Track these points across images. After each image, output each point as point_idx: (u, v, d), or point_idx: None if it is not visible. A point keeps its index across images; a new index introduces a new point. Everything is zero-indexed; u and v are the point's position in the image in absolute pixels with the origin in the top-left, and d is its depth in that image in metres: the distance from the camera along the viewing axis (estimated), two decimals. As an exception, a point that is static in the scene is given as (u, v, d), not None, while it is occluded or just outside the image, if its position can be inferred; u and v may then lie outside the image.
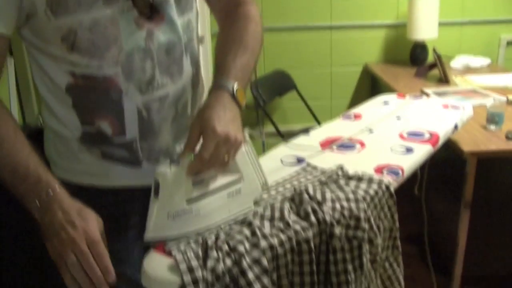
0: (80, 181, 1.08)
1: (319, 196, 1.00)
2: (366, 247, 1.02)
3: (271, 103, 3.44)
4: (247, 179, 1.01)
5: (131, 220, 1.13)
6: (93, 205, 1.09)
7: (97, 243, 0.84)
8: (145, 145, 1.05)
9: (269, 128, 3.16)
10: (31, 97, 1.83)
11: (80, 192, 1.04)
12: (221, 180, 0.98)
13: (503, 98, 2.37)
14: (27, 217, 0.87)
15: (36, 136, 1.12)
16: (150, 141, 1.05)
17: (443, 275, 2.33)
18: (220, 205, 0.97)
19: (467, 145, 1.84)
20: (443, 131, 1.40)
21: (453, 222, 2.03)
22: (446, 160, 2.24)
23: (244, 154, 1.00)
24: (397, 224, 1.15)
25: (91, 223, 0.86)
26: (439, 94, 2.50)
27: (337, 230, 0.96)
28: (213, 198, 0.96)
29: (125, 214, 1.12)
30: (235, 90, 0.97)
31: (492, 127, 1.98)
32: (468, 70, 3.17)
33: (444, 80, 2.81)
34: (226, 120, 0.92)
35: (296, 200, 1.01)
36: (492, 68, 3.22)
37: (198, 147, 0.92)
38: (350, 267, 0.99)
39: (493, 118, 1.97)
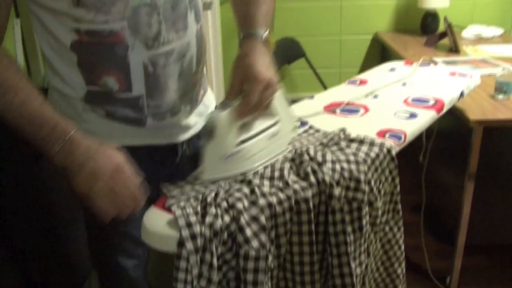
0: None
1: (319, 157, 1.00)
2: (366, 209, 1.03)
3: (279, 71, 3.42)
4: (283, 122, 1.09)
5: None
6: None
7: (120, 171, 0.89)
8: (151, 102, 1.05)
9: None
10: (38, 59, 1.83)
11: None
12: (262, 124, 1.05)
13: (514, 68, 2.34)
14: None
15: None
16: (157, 98, 1.05)
17: (447, 244, 2.35)
18: (262, 147, 1.04)
19: (473, 114, 1.82)
20: (448, 98, 1.39)
21: (458, 192, 2.03)
22: (453, 131, 2.23)
23: (279, 98, 1.05)
24: (398, 188, 1.15)
25: (111, 153, 0.90)
26: (448, 63, 2.47)
27: (337, 191, 0.96)
28: (255, 141, 1.03)
29: None
30: (265, 37, 1.03)
31: (500, 96, 1.96)
32: (480, 40, 3.12)
33: (454, 49, 2.77)
34: (265, 66, 0.99)
35: (297, 160, 1.01)
36: (505, 38, 3.17)
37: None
38: (349, 228, 1.00)
39: (502, 87, 1.95)
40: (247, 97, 0.97)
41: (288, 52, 3.33)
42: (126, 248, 1.23)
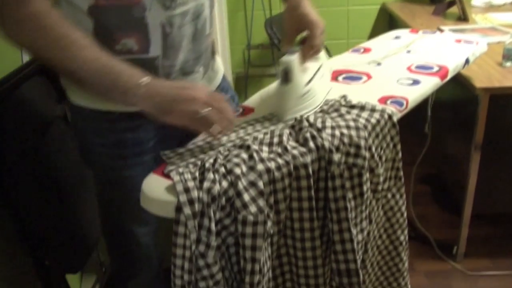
0: (96, 107, 1.09)
1: (319, 123, 1.00)
2: (366, 175, 1.02)
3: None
4: (324, 64, 1.20)
5: (146, 145, 1.14)
6: (109, 130, 1.10)
7: (213, 96, 0.94)
8: (166, 62, 1.05)
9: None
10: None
11: (96, 117, 1.06)
12: (314, 67, 1.15)
13: (523, 36, 2.30)
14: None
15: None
16: (172, 58, 1.06)
17: (454, 215, 2.35)
18: (319, 86, 1.14)
19: (480, 82, 1.80)
20: (453, 65, 1.37)
21: (464, 162, 2.01)
22: (459, 100, 2.21)
23: None
24: (400, 154, 1.14)
25: (195, 85, 0.97)
26: (456, 31, 2.43)
27: (336, 156, 0.96)
28: (314, 81, 1.12)
29: (140, 139, 1.13)
30: None
31: (508, 63, 1.92)
32: (490, 8, 3.06)
33: (463, 18, 2.72)
34: (315, 13, 1.12)
35: (296, 127, 1.01)
36: (515, 6, 3.11)
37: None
38: (349, 194, 1.00)
39: (510, 54, 1.91)
40: (309, 41, 1.09)
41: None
42: (139, 215, 1.23)
